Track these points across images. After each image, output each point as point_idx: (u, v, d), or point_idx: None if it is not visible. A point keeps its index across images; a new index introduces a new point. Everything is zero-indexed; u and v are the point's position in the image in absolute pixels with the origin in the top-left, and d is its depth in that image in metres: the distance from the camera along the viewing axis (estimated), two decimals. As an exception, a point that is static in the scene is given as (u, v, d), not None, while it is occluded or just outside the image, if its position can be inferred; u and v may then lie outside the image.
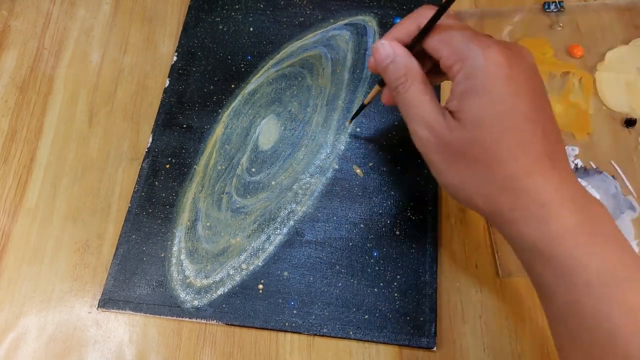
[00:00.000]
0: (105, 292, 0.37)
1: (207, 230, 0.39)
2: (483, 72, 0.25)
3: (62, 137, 0.43)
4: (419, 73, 0.28)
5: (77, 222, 0.40)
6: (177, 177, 0.41)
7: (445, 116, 0.27)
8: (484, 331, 0.36)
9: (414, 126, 0.28)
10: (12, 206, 0.41)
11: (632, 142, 0.41)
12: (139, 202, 0.40)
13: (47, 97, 0.45)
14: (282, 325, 0.36)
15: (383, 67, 0.29)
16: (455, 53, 0.26)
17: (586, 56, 0.44)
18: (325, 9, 0.47)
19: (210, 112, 0.43)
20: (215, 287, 0.37)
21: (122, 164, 0.42)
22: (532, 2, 0.47)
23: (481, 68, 0.25)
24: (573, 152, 0.41)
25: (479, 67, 0.25)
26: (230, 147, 0.42)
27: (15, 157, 0.43)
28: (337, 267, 0.37)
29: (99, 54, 0.47)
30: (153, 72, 0.46)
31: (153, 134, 0.43)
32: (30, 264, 0.39)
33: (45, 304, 0.38)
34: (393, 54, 0.29)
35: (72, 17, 0.48)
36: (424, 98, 0.28)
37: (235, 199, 0.40)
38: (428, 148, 0.28)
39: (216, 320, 0.36)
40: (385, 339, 0.35)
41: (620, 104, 0.42)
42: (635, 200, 0.39)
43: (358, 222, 0.39)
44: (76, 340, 0.37)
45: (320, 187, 0.40)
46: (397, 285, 0.37)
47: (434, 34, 0.28)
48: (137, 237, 0.39)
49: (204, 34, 0.46)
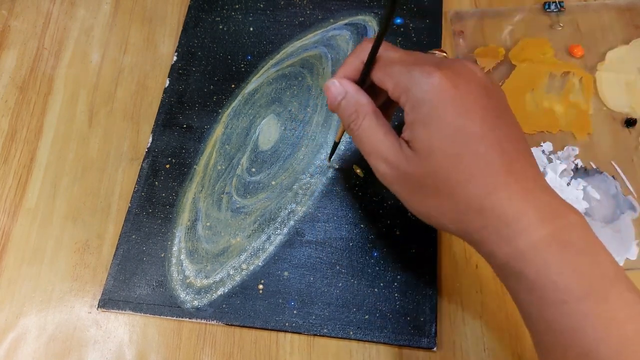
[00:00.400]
0: (105, 292, 0.37)
1: (207, 230, 0.39)
2: (427, 100, 0.25)
3: (62, 137, 0.43)
4: (370, 107, 0.28)
5: (77, 222, 0.40)
6: (177, 177, 0.41)
7: (402, 147, 0.27)
8: (484, 331, 0.36)
9: (372, 161, 0.28)
10: (12, 206, 0.41)
11: (632, 142, 0.41)
12: (139, 202, 0.40)
13: (47, 97, 0.45)
14: (282, 326, 0.36)
15: (335, 106, 0.29)
16: (399, 84, 0.26)
17: (586, 56, 0.44)
18: (325, 9, 0.47)
19: (210, 112, 0.43)
20: (215, 287, 0.37)
21: (122, 164, 0.42)
22: (532, 2, 0.47)
23: (424, 96, 0.25)
24: (573, 152, 0.41)
25: (423, 96, 0.25)
26: (230, 147, 0.42)
27: (15, 157, 0.43)
28: (338, 267, 0.37)
29: (99, 54, 0.47)
30: (153, 72, 0.46)
31: (153, 134, 0.43)
32: (30, 264, 0.39)
33: (45, 304, 0.38)
34: (343, 92, 0.29)
35: (72, 17, 0.48)
36: (378, 132, 0.27)
37: (236, 199, 0.40)
38: (389, 181, 0.28)
39: (216, 321, 0.36)
40: (385, 339, 0.35)
41: (621, 104, 0.42)
42: (635, 200, 0.39)
43: (358, 222, 0.39)
44: (76, 340, 0.36)
45: (320, 187, 0.40)
46: (397, 286, 0.37)
47: (378, 67, 0.28)
48: (137, 237, 0.39)
49: (204, 34, 0.46)
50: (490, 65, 0.44)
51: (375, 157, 0.28)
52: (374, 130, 0.28)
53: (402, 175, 0.27)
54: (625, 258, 0.37)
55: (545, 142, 0.41)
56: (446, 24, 0.46)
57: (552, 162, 0.40)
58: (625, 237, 0.38)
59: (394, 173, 0.27)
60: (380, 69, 0.28)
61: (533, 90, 0.43)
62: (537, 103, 0.43)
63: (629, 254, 0.37)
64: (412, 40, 0.45)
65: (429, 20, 0.46)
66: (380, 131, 0.27)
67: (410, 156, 0.26)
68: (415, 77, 0.25)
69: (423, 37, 0.45)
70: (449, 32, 0.46)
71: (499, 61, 0.45)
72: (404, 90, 0.26)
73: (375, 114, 0.28)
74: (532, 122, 0.42)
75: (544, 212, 0.24)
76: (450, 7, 0.47)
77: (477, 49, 0.45)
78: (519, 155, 0.26)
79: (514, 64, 0.44)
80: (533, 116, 0.42)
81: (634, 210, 0.39)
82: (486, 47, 0.45)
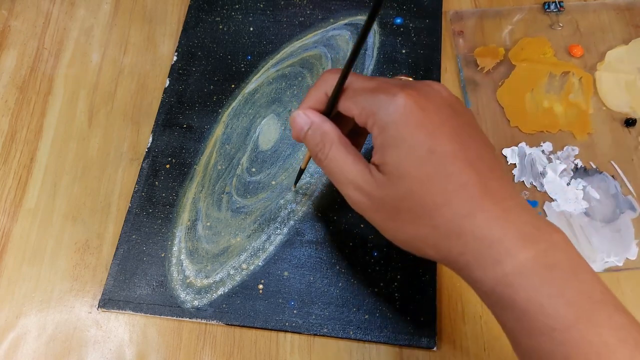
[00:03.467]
0: (105, 292, 0.37)
1: (207, 230, 0.39)
2: (394, 122, 0.25)
3: (62, 137, 0.43)
4: (336, 136, 0.27)
5: (77, 222, 0.40)
6: (177, 177, 0.41)
7: (373, 172, 0.26)
8: (484, 331, 0.36)
9: (344, 190, 0.27)
10: (12, 206, 0.41)
11: (632, 142, 0.41)
12: (139, 202, 0.40)
13: (47, 97, 0.45)
14: (282, 325, 0.36)
15: (302, 137, 0.29)
16: (365, 109, 0.26)
17: (586, 56, 0.44)
18: (325, 9, 0.47)
19: (210, 112, 0.43)
20: (215, 287, 0.37)
21: (122, 164, 0.42)
22: (532, 2, 0.47)
23: (391, 119, 0.25)
24: (573, 152, 0.41)
25: (389, 119, 0.25)
26: (231, 147, 0.42)
27: (15, 157, 0.43)
28: (337, 267, 0.37)
29: (99, 54, 0.47)
30: (153, 72, 0.46)
31: (153, 134, 0.43)
32: (30, 264, 0.39)
33: (45, 304, 0.38)
34: (309, 122, 0.28)
35: (72, 17, 0.48)
36: (346, 159, 0.27)
37: (236, 198, 0.40)
38: (363, 209, 0.27)
39: (216, 320, 0.36)
40: (385, 339, 0.35)
41: (620, 104, 0.42)
42: (635, 200, 0.39)
43: (358, 222, 0.39)
44: (76, 340, 0.36)
45: (320, 187, 0.40)
46: (397, 285, 0.37)
47: (343, 97, 0.27)
48: (137, 237, 0.39)
49: (204, 34, 0.46)
50: (490, 65, 0.44)
51: (346, 185, 0.27)
52: (342, 158, 0.27)
53: (376, 201, 0.26)
54: (625, 258, 0.37)
55: (545, 142, 0.41)
56: (446, 24, 0.46)
57: (552, 162, 0.40)
58: (625, 237, 0.38)
59: (367, 200, 0.26)
60: (346, 98, 0.27)
61: (533, 90, 0.43)
62: (537, 103, 0.43)
63: (629, 254, 0.37)
64: (412, 40, 0.45)
65: (429, 20, 0.46)
66: (348, 158, 0.27)
67: (382, 181, 0.25)
68: (380, 101, 0.25)
69: (423, 37, 0.45)
70: (449, 32, 0.46)
71: (499, 61, 0.45)
72: (370, 114, 0.25)
73: (342, 142, 0.27)
74: (532, 122, 0.42)
75: (525, 233, 0.23)
76: (450, 7, 0.47)
77: (477, 48, 0.45)
78: (493, 173, 0.25)
79: (513, 63, 0.44)
80: (533, 116, 0.42)
81: (633, 210, 0.39)
82: (486, 47, 0.45)
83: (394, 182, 0.25)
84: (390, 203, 0.25)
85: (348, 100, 0.27)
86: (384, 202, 0.26)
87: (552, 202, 0.39)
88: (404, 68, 0.44)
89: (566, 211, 0.39)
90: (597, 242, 0.38)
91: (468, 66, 0.45)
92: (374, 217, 0.27)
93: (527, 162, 0.40)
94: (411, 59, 0.45)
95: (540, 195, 0.39)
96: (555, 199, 0.39)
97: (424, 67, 0.44)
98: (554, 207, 0.39)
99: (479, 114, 0.43)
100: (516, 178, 0.40)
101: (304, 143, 0.29)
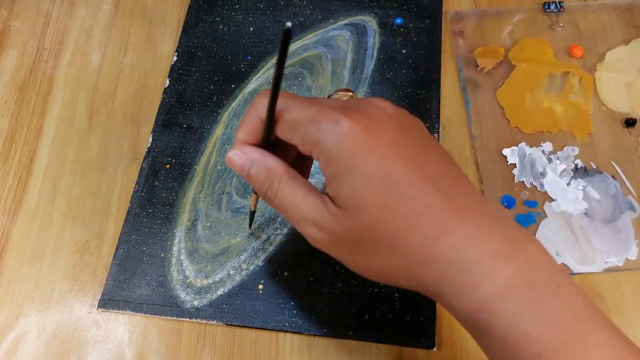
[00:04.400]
0: (105, 292, 0.37)
1: (207, 230, 0.39)
2: (341, 152, 0.22)
3: (62, 137, 0.43)
4: (282, 171, 0.25)
5: (77, 222, 0.40)
6: (177, 177, 0.41)
7: (328, 206, 0.24)
8: (484, 331, 0.36)
9: (300, 227, 0.25)
10: (12, 206, 0.41)
11: (632, 142, 0.41)
12: (139, 202, 0.40)
13: (47, 97, 0.45)
14: (282, 325, 0.36)
15: (245, 176, 0.26)
16: (307, 139, 0.24)
17: (586, 56, 0.44)
18: (325, 9, 0.47)
19: (210, 112, 0.43)
20: (215, 287, 0.37)
21: (122, 164, 0.42)
22: (532, 2, 0.47)
23: (337, 148, 0.22)
24: (573, 152, 0.41)
25: (335, 148, 0.22)
26: (230, 147, 0.42)
27: (15, 157, 0.43)
28: (338, 267, 0.37)
29: (99, 54, 0.47)
30: (153, 72, 0.46)
31: (153, 134, 0.43)
32: (30, 264, 0.39)
33: (45, 304, 0.38)
34: (249, 161, 0.26)
35: (72, 17, 0.48)
36: (297, 194, 0.25)
37: (236, 199, 0.40)
38: (324, 246, 0.25)
39: (216, 320, 0.36)
40: (385, 339, 0.35)
41: (620, 104, 0.42)
42: (635, 200, 0.39)
43: (358, 222, 0.39)
44: (76, 340, 0.36)
45: (320, 187, 0.40)
46: (397, 285, 0.37)
47: (280, 123, 0.25)
48: (137, 237, 0.39)
49: (204, 34, 0.46)
50: (490, 65, 0.44)
51: (301, 223, 0.25)
52: (292, 193, 0.25)
53: (336, 236, 0.24)
54: (625, 258, 0.37)
55: (545, 142, 0.41)
56: (446, 24, 0.46)
57: (552, 162, 0.40)
58: (625, 237, 0.38)
59: (326, 236, 0.24)
60: (283, 124, 0.25)
61: (533, 90, 0.43)
62: (537, 103, 0.43)
63: (629, 254, 0.37)
64: (412, 40, 0.45)
65: (429, 20, 0.46)
66: (299, 193, 0.25)
67: (339, 215, 0.23)
68: (323, 128, 0.23)
69: (423, 37, 0.45)
70: (449, 32, 0.46)
71: (499, 61, 0.45)
72: (314, 144, 0.23)
73: (290, 175, 0.25)
74: (532, 122, 0.42)
75: (500, 250, 0.22)
76: (450, 7, 0.47)
77: (477, 49, 0.45)
78: (457, 187, 0.23)
79: (513, 64, 0.44)
80: (533, 116, 0.42)
81: (633, 210, 0.39)
82: (486, 47, 0.45)
83: (351, 214, 0.23)
84: (351, 237, 0.24)
85: (285, 127, 0.25)
86: (345, 236, 0.24)
87: (552, 202, 0.39)
88: (404, 68, 0.44)
89: (566, 211, 0.39)
90: (597, 242, 0.38)
91: (468, 66, 0.45)
92: (337, 252, 0.25)
93: (527, 162, 0.40)
94: (411, 59, 0.45)
95: (540, 195, 0.39)
96: (555, 199, 0.39)
97: (424, 67, 0.44)
98: (554, 207, 0.39)
99: (479, 114, 0.43)
100: (516, 178, 0.40)
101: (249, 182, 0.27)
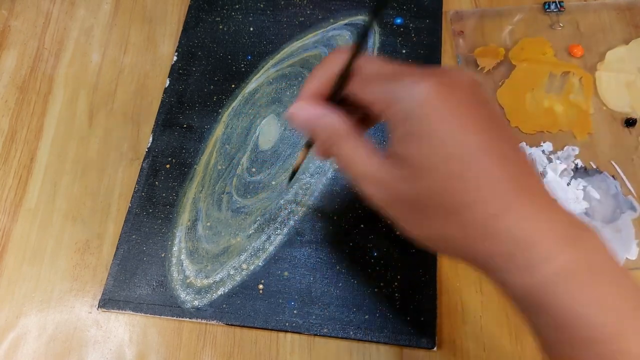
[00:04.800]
0: (106, 292, 0.37)
1: (208, 230, 0.39)
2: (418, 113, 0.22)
3: (62, 137, 0.43)
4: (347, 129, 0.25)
5: (77, 222, 0.40)
6: (178, 177, 0.41)
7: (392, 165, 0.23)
8: (484, 331, 0.36)
9: (360, 185, 0.25)
10: (12, 206, 0.41)
11: (632, 142, 0.41)
12: (139, 202, 0.40)
13: (47, 97, 0.45)
14: (282, 325, 0.36)
15: (307, 132, 0.26)
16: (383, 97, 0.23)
17: (586, 56, 0.44)
18: (325, 9, 0.47)
19: (210, 112, 0.43)
20: (215, 287, 0.37)
21: (122, 164, 0.42)
22: (532, 2, 0.47)
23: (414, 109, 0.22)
24: (573, 152, 0.41)
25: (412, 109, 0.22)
26: (231, 147, 0.42)
27: (15, 157, 0.43)
28: (338, 267, 0.37)
29: (99, 54, 0.47)
30: (153, 72, 0.46)
31: (153, 134, 0.43)
32: (30, 264, 0.39)
33: (45, 304, 0.38)
34: (314, 116, 0.25)
35: (72, 17, 0.48)
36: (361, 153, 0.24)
37: (236, 198, 0.40)
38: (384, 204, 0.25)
39: (216, 320, 0.36)
40: (385, 339, 0.35)
41: (621, 104, 0.42)
42: (635, 200, 0.39)
43: (358, 222, 0.39)
44: (76, 340, 0.36)
45: (320, 187, 0.40)
46: (397, 285, 0.37)
47: (354, 79, 0.24)
48: (138, 237, 0.39)
49: (204, 34, 0.46)
50: (490, 65, 0.44)
51: (363, 180, 0.25)
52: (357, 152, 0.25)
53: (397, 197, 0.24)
54: (625, 258, 0.37)
55: (545, 142, 0.41)
56: (446, 24, 0.46)
57: (552, 162, 0.40)
58: (625, 237, 0.38)
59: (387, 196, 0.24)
60: (357, 82, 0.24)
61: (533, 90, 0.43)
62: (537, 103, 0.43)
63: (629, 254, 0.37)
64: (412, 40, 0.45)
65: (429, 20, 0.46)
66: (363, 152, 0.24)
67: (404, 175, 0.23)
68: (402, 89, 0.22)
69: (423, 37, 0.45)
70: (449, 32, 0.46)
71: (499, 61, 0.45)
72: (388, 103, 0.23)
73: (355, 135, 0.25)
74: (532, 122, 0.42)
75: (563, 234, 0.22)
76: (450, 7, 0.47)
77: (477, 48, 0.45)
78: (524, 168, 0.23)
79: (514, 63, 0.44)
80: (533, 116, 0.42)
81: (634, 210, 0.39)
82: (486, 47, 0.45)
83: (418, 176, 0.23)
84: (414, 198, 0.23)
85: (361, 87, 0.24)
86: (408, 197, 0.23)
87: (552, 202, 0.39)
88: (404, 68, 0.44)
89: (566, 211, 0.39)
90: (597, 242, 0.38)
91: (468, 66, 0.45)
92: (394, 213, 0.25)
93: (527, 162, 0.40)
94: (411, 59, 0.45)
95: (540, 195, 0.39)
96: (556, 199, 0.39)
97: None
98: (554, 207, 0.39)
99: (479, 114, 0.43)
100: (516, 178, 0.40)
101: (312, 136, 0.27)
